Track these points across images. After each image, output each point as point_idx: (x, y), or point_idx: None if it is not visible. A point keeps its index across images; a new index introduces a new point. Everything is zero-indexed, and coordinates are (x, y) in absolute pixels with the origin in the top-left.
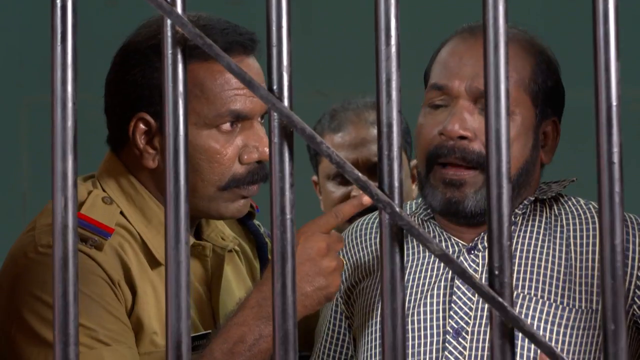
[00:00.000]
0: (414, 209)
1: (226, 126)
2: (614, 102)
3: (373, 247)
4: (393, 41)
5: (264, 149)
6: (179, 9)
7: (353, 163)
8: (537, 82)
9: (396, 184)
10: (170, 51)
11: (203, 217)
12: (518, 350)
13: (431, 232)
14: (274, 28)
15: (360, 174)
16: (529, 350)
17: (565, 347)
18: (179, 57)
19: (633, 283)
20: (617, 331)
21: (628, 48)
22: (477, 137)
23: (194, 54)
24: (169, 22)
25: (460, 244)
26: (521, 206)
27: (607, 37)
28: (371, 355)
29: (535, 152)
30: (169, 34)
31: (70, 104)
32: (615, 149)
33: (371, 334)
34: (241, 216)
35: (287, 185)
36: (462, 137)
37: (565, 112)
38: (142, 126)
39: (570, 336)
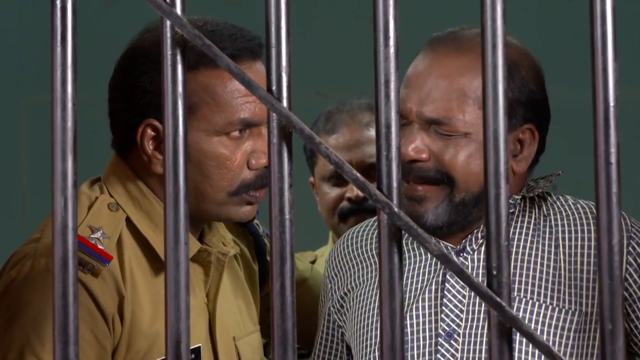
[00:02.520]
0: None
1: (235, 133)
2: (612, 103)
3: (367, 254)
4: (392, 42)
5: None
6: (179, 10)
7: None
8: None
9: (395, 184)
10: (169, 52)
11: (211, 220)
12: (519, 350)
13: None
14: (273, 29)
15: (358, 174)
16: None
17: (556, 347)
18: (178, 58)
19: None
20: (615, 331)
21: (625, 49)
22: (431, 157)
23: (203, 60)
24: (168, 23)
25: (449, 247)
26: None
27: (604, 38)
28: (368, 359)
29: None
30: (168, 35)
31: (70, 105)
32: (613, 150)
33: (368, 339)
34: (248, 220)
35: (286, 186)
36: (415, 160)
37: (563, 113)
38: (150, 132)
39: (561, 337)
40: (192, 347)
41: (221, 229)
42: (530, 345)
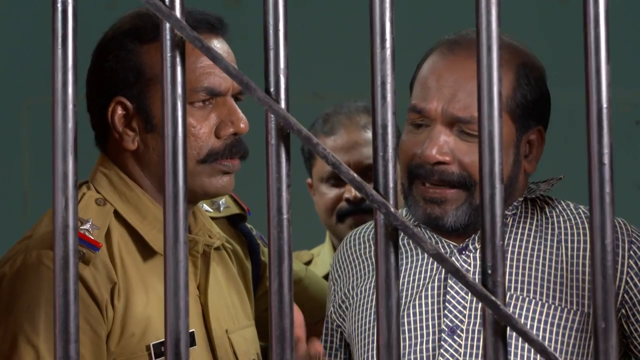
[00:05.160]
0: (404, 215)
1: (199, 103)
2: (605, 105)
3: (366, 256)
4: (388, 44)
5: (238, 122)
6: (178, 13)
7: None
8: (515, 99)
9: (391, 184)
10: (169, 54)
11: (188, 198)
12: (512, 349)
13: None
14: (271, 31)
15: (355, 175)
16: (522, 349)
17: (558, 346)
18: (178, 60)
19: (622, 288)
20: (608, 329)
21: (618, 50)
22: (455, 159)
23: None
24: (167, 25)
25: (451, 245)
26: (510, 207)
27: (597, 41)
28: (366, 357)
29: (517, 165)
30: (168, 37)
31: (70, 106)
32: (606, 150)
33: (366, 338)
34: (226, 193)
35: (284, 186)
36: (440, 162)
37: (557, 114)
38: (120, 111)
39: (563, 335)
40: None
41: (207, 223)
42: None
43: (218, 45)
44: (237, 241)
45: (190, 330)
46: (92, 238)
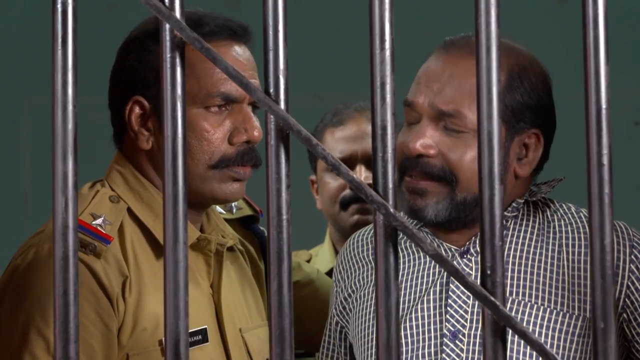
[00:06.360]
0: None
1: (215, 108)
2: (604, 105)
3: (368, 259)
4: (387, 45)
5: (252, 130)
6: (177, 14)
7: (352, 155)
8: (503, 100)
9: (390, 185)
10: (169, 55)
11: (199, 200)
12: (513, 355)
13: None
14: (270, 32)
15: (355, 176)
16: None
17: (560, 351)
18: (178, 60)
19: (623, 292)
20: (607, 329)
21: (617, 51)
22: (439, 153)
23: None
24: (167, 26)
25: (452, 249)
26: (510, 209)
27: (596, 42)
28: (367, 356)
29: (505, 166)
30: (168, 38)
31: (70, 107)
32: (605, 151)
33: (367, 336)
34: (235, 200)
35: (284, 187)
36: (422, 155)
37: (555, 115)
38: (137, 110)
39: (564, 341)
40: (198, 329)
41: (220, 223)
42: (529, 347)
43: (239, 51)
44: (250, 242)
45: (203, 327)
46: (104, 232)
